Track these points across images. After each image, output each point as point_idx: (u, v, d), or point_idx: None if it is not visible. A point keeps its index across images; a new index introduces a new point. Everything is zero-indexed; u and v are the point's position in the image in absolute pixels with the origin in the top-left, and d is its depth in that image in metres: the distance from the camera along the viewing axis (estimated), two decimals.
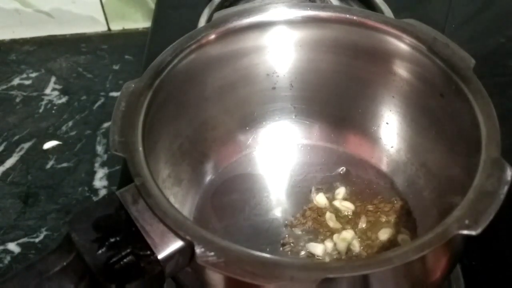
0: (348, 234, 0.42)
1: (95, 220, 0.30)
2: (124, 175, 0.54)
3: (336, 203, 0.44)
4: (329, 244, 0.42)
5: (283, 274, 0.27)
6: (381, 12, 0.55)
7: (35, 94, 0.71)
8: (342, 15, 0.42)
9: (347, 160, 0.47)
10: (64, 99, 0.70)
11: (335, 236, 0.42)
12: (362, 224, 0.43)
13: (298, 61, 0.46)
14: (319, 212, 0.44)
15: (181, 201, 0.43)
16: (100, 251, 0.28)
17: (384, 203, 0.44)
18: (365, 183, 0.46)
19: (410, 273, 0.31)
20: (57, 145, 0.64)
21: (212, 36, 0.42)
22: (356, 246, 0.41)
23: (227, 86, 0.45)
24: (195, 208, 0.44)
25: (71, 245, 0.29)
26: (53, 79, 0.73)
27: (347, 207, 0.44)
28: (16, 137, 0.65)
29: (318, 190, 0.45)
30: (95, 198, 0.58)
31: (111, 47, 0.77)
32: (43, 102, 0.69)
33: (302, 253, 0.42)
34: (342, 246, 0.41)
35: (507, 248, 0.46)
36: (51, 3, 0.77)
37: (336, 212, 0.44)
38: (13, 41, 0.79)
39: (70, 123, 0.66)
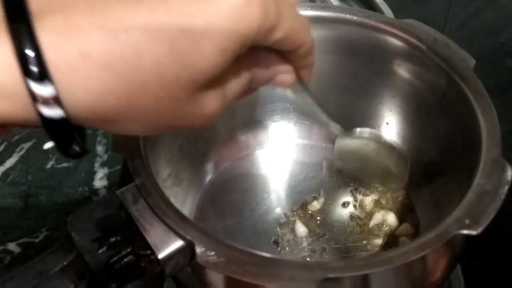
0: (392, 217, 0.43)
1: (95, 220, 0.30)
2: (124, 175, 0.54)
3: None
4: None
5: (283, 274, 0.27)
6: (381, 12, 0.55)
7: None
8: (342, 15, 0.42)
9: None
10: None
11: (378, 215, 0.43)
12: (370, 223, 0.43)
13: None
14: (319, 213, 0.44)
15: (181, 201, 0.43)
16: (100, 251, 0.28)
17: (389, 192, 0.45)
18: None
19: (410, 273, 0.31)
20: None
21: None
22: (393, 222, 0.43)
23: None
24: (195, 208, 0.44)
25: (71, 244, 0.29)
26: None
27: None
28: (16, 137, 0.65)
29: (318, 191, 0.46)
30: (95, 198, 0.58)
31: None
32: None
33: (302, 252, 0.42)
34: (378, 218, 0.43)
35: (507, 248, 0.46)
36: None
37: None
38: None
39: None
